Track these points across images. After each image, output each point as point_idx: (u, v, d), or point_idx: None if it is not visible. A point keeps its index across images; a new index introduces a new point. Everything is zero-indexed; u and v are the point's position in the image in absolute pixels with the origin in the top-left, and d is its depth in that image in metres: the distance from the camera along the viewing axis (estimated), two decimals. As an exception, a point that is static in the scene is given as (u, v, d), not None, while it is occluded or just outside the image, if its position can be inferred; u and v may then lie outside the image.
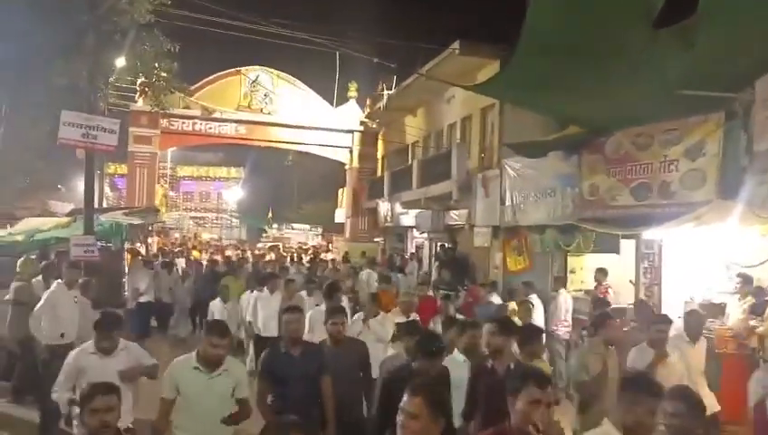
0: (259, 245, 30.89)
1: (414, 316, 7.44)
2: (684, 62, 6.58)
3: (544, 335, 6.29)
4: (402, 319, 6.86)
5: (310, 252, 24.80)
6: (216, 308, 9.57)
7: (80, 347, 4.65)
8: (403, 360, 4.77)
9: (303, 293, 9.58)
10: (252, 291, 9.68)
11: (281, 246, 26.54)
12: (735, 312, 7.88)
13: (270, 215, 40.39)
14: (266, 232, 38.34)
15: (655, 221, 8.46)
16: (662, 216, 8.51)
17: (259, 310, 9.20)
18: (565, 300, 10.21)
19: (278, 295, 9.17)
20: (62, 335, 6.78)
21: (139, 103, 20.69)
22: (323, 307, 6.88)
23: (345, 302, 8.36)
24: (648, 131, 9.04)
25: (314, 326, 6.60)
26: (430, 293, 10.71)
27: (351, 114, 25.14)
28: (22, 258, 8.43)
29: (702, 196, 8.18)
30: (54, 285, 7.10)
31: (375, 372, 5.37)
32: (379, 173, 24.47)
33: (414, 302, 7.96)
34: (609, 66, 6.73)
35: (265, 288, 9.39)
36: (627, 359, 5.53)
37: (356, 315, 7.27)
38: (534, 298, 9.83)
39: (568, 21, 5.98)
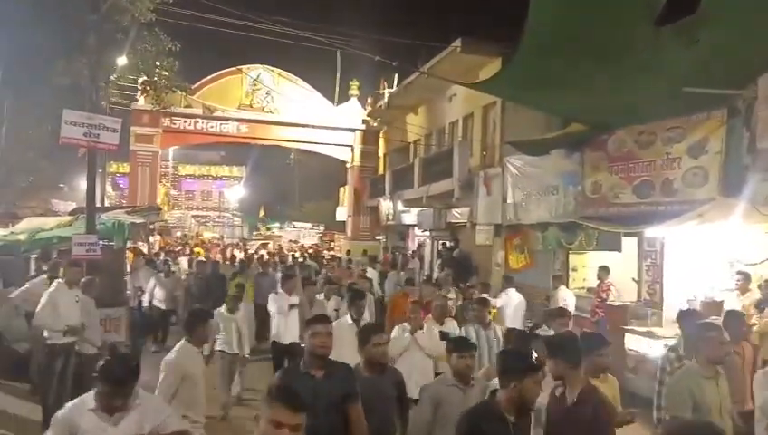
0: (250, 243, 30.71)
1: (451, 323, 6.66)
2: (686, 60, 6.56)
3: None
4: (437, 328, 6.20)
5: (310, 250, 24.74)
6: (223, 320, 7.83)
7: (78, 399, 3.35)
8: (451, 382, 4.11)
9: (320, 296, 8.87)
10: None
11: (270, 245, 26.26)
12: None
13: (262, 213, 40.19)
14: (258, 230, 38.21)
15: (657, 219, 8.45)
16: (664, 213, 8.49)
17: (282, 321, 8.25)
18: (564, 297, 10.21)
19: (296, 299, 8.30)
20: (64, 335, 6.80)
21: (141, 102, 20.73)
22: (348, 318, 6.19)
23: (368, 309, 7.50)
24: (651, 129, 9.02)
25: (337, 339, 5.93)
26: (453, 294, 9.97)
27: (353, 112, 25.14)
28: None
29: (704, 193, 8.17)
30: (55, 284, 7.09)
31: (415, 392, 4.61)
32: (380, 171, 24.47)
33: (448, 306, 7.20)
34: (612, 64, 6.71)
35: (281, 290, 8.45)
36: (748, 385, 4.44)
37: (395, 330, 6.24)
38: (513, 292, 9.81)
39: (570, 19, 5.96)
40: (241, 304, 8.25)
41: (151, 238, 19.39)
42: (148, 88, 14.98)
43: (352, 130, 25.27)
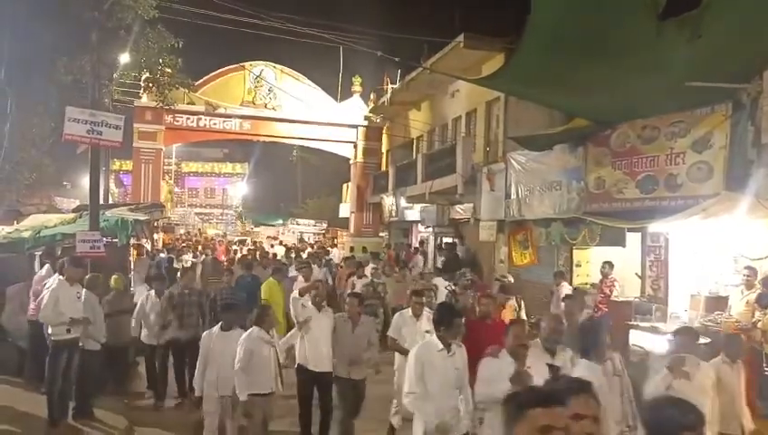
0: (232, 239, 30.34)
1: (564, 352, 4.42)
2: (690, 54, 6.53)
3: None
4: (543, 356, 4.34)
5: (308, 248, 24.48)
6: (255, 344, 5.66)
7: None
8: None
9: (408, 312, 6.73)
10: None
11: (248, 241, 25.86)
12: (738, 304, 7.84)
13: (240, 209, 39.86)
14: (237, 227, 38.11)
15: (661, 214, 8.43)
16: (668, 208, 8.47)
17: (306, 337, 6.34)
18: (566, 293, 10.16)
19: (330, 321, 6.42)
20: (68, 331, 6.82)
21: (144, 99, 20.76)
22: (437, 342, 4.49)
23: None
24: (654, 124, 8.99)
25: (428, 372, 4.25)
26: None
27: (356, 109, 25.12)
28: (115, 275, 8.54)
29: (709, 188, 8.14)
30: (56, 281, 7.09)
31: None
32: (383, 168, 24.46)
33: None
34: (615, 58, 6.68)
35: (306, 297, 6.69)
36: None
37: (485, 367, 4.18)
38: (440, 281, 9.62)
39: (573, 13, 5.94)
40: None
41: (155, 235, 19.42)
42: (151, 85, 14.98)
43: (355, 126, 25.25)
